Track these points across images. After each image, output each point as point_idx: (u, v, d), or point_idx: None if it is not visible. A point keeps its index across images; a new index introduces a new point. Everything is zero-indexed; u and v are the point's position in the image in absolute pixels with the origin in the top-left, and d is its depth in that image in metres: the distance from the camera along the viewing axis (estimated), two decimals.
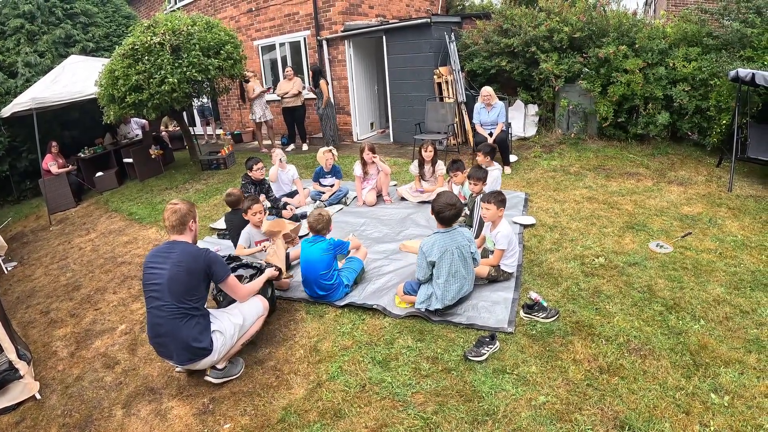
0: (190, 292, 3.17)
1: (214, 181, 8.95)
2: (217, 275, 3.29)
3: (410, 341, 3.58)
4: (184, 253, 3.20)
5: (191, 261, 3.18)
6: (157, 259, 3.23)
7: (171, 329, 3.12)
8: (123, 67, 7.89)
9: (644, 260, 4.46)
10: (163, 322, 3.12)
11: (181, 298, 3.13)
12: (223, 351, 3.31)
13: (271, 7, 11.92)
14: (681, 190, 6.22)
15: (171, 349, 3.18)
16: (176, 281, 3.12)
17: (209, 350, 3.22)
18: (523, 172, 7.47)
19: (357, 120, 11.37)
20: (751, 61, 6.91)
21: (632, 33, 8.03)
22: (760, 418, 2.63)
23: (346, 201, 6.95)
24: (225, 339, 3.31)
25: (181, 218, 3.29)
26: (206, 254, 3.26)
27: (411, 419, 2.84)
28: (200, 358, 3.22)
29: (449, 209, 3.72)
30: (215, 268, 3.27)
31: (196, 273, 3.18)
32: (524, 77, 9.12)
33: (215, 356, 3.26)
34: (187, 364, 3.25)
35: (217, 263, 3.29)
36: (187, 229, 3.33)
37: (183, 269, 3.14)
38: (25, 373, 3.55)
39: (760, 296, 3.79)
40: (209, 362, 3.28)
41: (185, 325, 3.13)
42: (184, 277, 3.14)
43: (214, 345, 3.24)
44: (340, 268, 4.42)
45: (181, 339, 3.13)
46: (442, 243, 3.71)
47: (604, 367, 3.13)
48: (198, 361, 3.23)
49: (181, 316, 3.12)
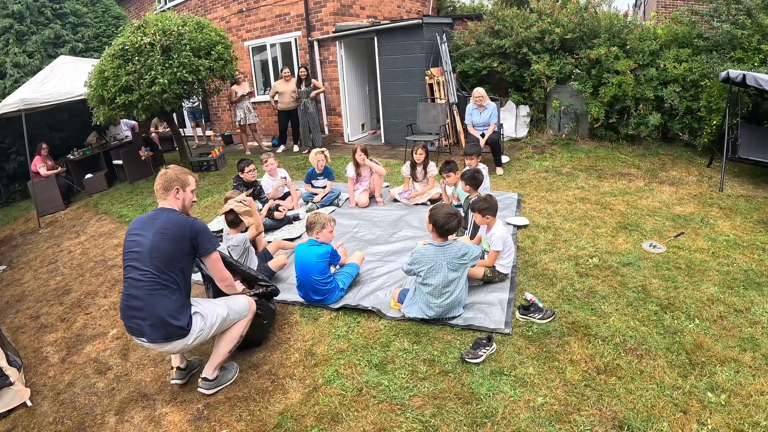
0: (173, 263, 2.97)
1: (204, 183, 8.88)
2: (203, 246, 3.09)
3: (406, 344, 3.57)
4: (169, 220, 3.02)
5: (176, 229, 3.00)
6: (140, 225, 3.05)
7: (148, 302, 2.92)
8: (113, 67, 7.82)
9: (638, 260, 4.48)
10: (140, 294, 2.92)
11: (163, 268, 2.93)
12: (201, 337, 3.10)
13: (261, 8, 11.87)
14: (673, 190, 6.26)
15: (144, 324, 2.95)
16: (159, 249, 2.93)
17: (186, 330, 3.01)
18: (515, 173, 7.48)
19: (348, 121, 11.34)
20: (742, 62, 6.97)
21: (623, 34, 8.09)
22: (757, 416, 2.64)
23: (338, 203, 6.92)
24: (205, 324, 3.12)
25: (166, 183, 3.12)
26: (193, 223, 3.07)
27: (409, 423, 2.82)
28: (175, 338, 2.99)
29: (451, 219, 3.69)
30: (201, 239, 3.07)
31: (181, 242, 2.99)
32: (516, 78, 9.16)
33: (190, 339, 3.04)
34: (159, 342, 2.98)
35: (204, 234, 3.09)
36: (172, 195, 3.14)
37: (167, 237, 2.96)
38: (16, 380, 3.49)
39: (753, 295, 3.81)
40: (182, 345, 3.05)
41: (164, 298, 2.94)
42: (167, 245, 2.95)
43: (192, 326, 3.04)
44: (335, 272, 4.40)
45: (157, 313, 2.91)
46: (433, 258, 3.67)
47: (601, 367, 3.13)
48: (172, 341, 3.00)
49: (160, 288, 2.93)
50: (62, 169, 9.97)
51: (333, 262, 4.32)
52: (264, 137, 12.44)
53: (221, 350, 3.32)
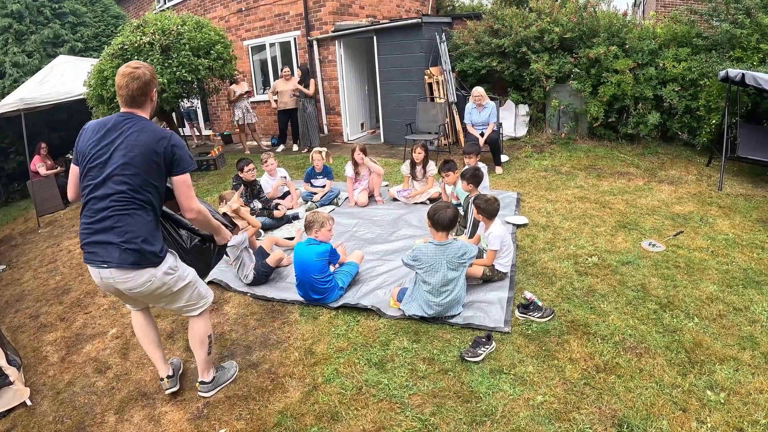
0: (149, 182, 2.60)
1: (204, 182, 8.88)
2: (181, 163, 2.66)
3: (406, 342, 3.57)
4: (147, 129, 2.61)
5: (155, 140, 2.59)
6: (106, 131, 2.60)
7: (117, 221, 2.55)
8: (112, 67, 7.80)
9: (637, 259, 4.48)
10: (110, 214, 2.55)
11: (138, 186, 2.57)
12: (169, 281, 2.74)
13: (261, 7, 11.87)
14: (672, 189, 6.26)
15: (110, 248, 2.56)
16: (134, 164, 2.55)
17: (160, 258, 2.66)
18: (514, 172, 7.49)
19: (347, 120, 11.35)
20: (741, 61, 6.98)
21: (622, 34, 8.10)
22: (756, 414, 2.64)
23: (338, 202, 6.92)
24: (177, 267, 2.80)
25: (144, 87, 2.65)
26: (172, 136, 2.69)
27: (409, 421, 2.83)
28: (147, 264, 2.62)
29: (441, 210, 3.72)
30: (180, 153, 2.66)
31: (157, 157, 2.59)
32: (515, 77, 9.16)
33: (160, 272, 2.67)
34: (126, 268, 2.58)
35: (183, 148, 2.70)
36: (149, 100, 2.73)
37: (144, 148, 2.56)
38: (15, 379, 3.49)
39: (752, 294, 3.82)
40: (152, 276, 2.65)
41: (140, 218, 2.59)
42: (142, 160, 2.56)
43: (166, 257, 2.71)
44: (334, 271, 4.40)
45: (130, 235, 2.55)
46: (433, 256, 3.69)
47: (600, 365, 3.13)
48: (142, 268, 2.61)
49: (136, 207, 2.57)
50: (62, 169, 9.95)
51: (332, 260, 4.32)
52: (263, 137, 12.44)
53: (200, 356, 3.17)
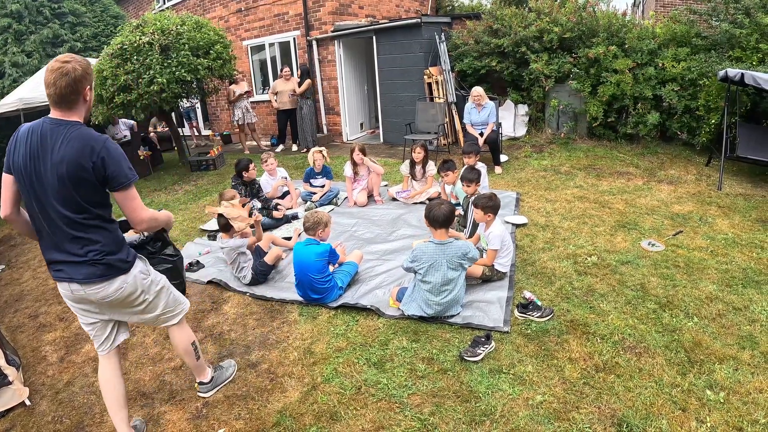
0: (90, 200, 2.35)
1: (203, 182, 8.88)
2: (117, 178, 2.32)
3: (405, 342, 3.57)
4: (75, 140, 2.26)
5: (81, 155, 2.25)
6: (37, 144, 2.31)
7: (74, 239, 2.38)
8: (111, 67, 7.81)
9: (636, 259, 4.48)
10: (65, 233, 2.36)
11: (79, 207, 2.33)
12: (141, 288, 2.58)
13: (260, 7, 11.86)
14: (671, 189, 6.26)
15: (75, 265, 2.41)
16: (66, 183, 2.27)
17: (129, 263, 2.51)
18: (513, 171, 7.49)
19: (347, 120, 11.35)
20: (740, 61, 6.98)
21: (622, 33, 8.10)
22: (756, 413, 2.64)
23: (337, 202, 6.92)
24: (148, 273, 2.65)
25: (74, 84, 2.28)
26: (104, 145, 2.30)
27: (408, 421, 2.82)
28: (117, 273, 2.46)
29: (436, 207, 3.73)
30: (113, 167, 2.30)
31: (88, 173, 2.27)
32: (514, 77, 9.16)
33: (130, 277, 2.52)
34: (95, 282, 2.43)
35: (117, 159, 2.32)
36: (81, 100, 2.35)
37: (72, 165, 2.24)
38: (14, 379, 3.48)
39: (751, 293, 3.82)
40: (123, 282, 2.49)
41: (94, 232, 2.40)
42: (74, 179, 2.26)
43: (135, 263, 2.56)
44: (333, 271, 4.40)
45: (89, 250, 2.38)
46: (433, 255, 3.69)
47: (599, 365, 3.13)
48: (113, 277, 2.46)
49: (86, 225, 2.37)
50: None
51: (332, 260, 4.32)
52: (263, 137, 12.44)
53: (190, 363, 3.11)
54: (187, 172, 9.84)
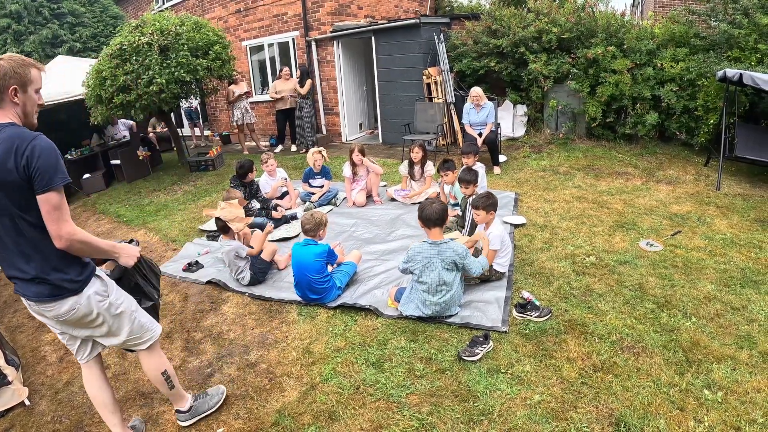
0: (29, 206, 2.13)
1: (202, 183, 8.88)
2: (42, 177, 2.06)
3: (403, 342, 3.57)
4: (8, 142, 2.06)
5: (7, 156, 2.05)
6: None
7: (18, 254, 2.21)
8: (111, 67, 7.81)
9: (635, 259, 4.49)
10: (8, 247, 2.21)
11: (17, 215, 2.14)
12: (98, 309, 2.36)
13: (259, 8, 11.87)
14: (670, 189, 6.27)
15: (23, 282, 2.26)
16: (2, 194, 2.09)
17: (78, 282, 2.28)
18: (512, 172, 7.49)
19: (346, 121, 11.35)
20: (738, 61, 6.99)
21: (620, 34, 8.11)
22: (754, 413, 2.65)
23: (336, 202, 6.93)
24: (106, 292, 2.41)
25: None
26: (31, 143, 2.07)
27: (406, 420, 2.83)
28: (67, 293, 2.26)
29: (427, 206, 3.75)
30: (39, 164, 2.05)
31: (15, 175, 2.06)
32: (513, 78, 9.17)
33: (83, 298, 2.30)
34: (46, 301, 2.25)
35: (45, 157, 2.08)
36: (7, 99, 2.15)
37: (3, 170, 2.05)
38: (14, 379, 3.49)
39: (750, 293, 3.82)
40: (75, 304, 2.29)
41: (39, 245, 2.19)
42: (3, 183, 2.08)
43: (90, 283, 2.34)
44: (332, 271, 4.40)
45: (34, 268, 2.20)
46: (427, 255, 3.69)
47: (597, 365, 3.13)
48: (63, 298, 2.26)
49: (30, 237, 2.17)
50: None
51: (330, 261, 4.32)
52: (262, 137, 12.44)
53: (164, 392, 2.87)
54: (187, 172, 9.84)
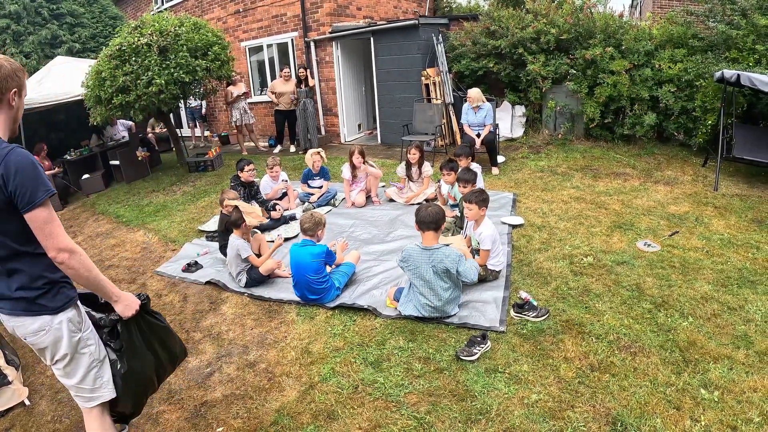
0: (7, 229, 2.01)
1: (201, 183, 8.89)
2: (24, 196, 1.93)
3: (402, 342, 3.59)
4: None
5: None
6: None
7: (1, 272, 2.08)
8: (110, 68, 7.82)
9: (632, 259, 4.51)
10: None
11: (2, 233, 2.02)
12: (74, 338, 2.18)
13: (258, 9, 11.88)
14: (668, 189, 6.29)
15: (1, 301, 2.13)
16: None
17: (58, 304, 2.13)
18: (510, 172, 7.51)
19: (344, 121, 11.36)
20: (736, 62, 7.01)
21: (619, 35, 8.13)
22: (750, 412, 2.66)
23: (335, 202, 6.94)
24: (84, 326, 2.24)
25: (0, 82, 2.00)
26: (7, 155, 1.92)
27: (404, 419, 2.84)
28: (41, 311, 2.10)
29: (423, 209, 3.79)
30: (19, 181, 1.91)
31: None
32: (511, 78, 9.18)
33: (57, 320, 2.12)
34: (19, 315, 2.10)
35: (24, 172, 1.93)
36: (5, 102, 2.04)
37: None
38: (14, 379, 3.50)
39: (747, 293, 3.84)
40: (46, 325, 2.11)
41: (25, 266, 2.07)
42: None
43: (66, 311, 2.16)
44: (331, 271, 4.41)
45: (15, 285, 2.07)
46: (417, 259, 3.71)
47: (595, 364, 3.15)
48: (37, 315, 2.10)
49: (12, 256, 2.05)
50: (59, 170, 9.93)
51: (328, 261, 4.34)
52: (260, 137, 12.45)
53: None
54: (186, 173, 9.85)
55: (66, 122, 10.99)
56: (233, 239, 4.71)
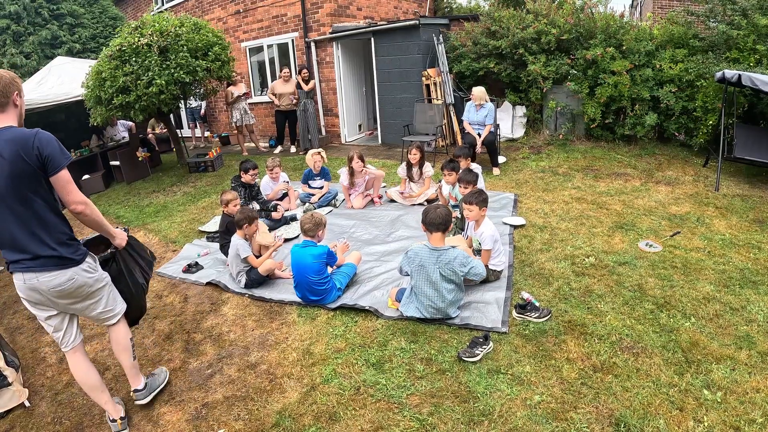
0: (36, 191, 2.55)
1: (202, 184, 8.88)
2: (52, 161, 2.51)
3: (403, 343, 3.58)
4: (10, 139, 2.47)
5: (20, 148, 2.46)
6: None
7: (27, 232, 2.58)
8: (110, 68, 7.81)
9: (634, 259, 4.50)
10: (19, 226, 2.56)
11: (27, 198, 2.53)
12: (93, 278, 2.80)
13: (258, 9, 11.87)
14: (669, 189, 6.29)
15: (30, 258, 2.62)
16: (11, 177, 2.47)
17: (81, 255, 2.74)
18: (511, 173, 7.50)
19: (345, 122, 11.36)
20: (737, 62, 7.01)
21: (619, 35, 8.12)
22: (753, 413, 2.66)
23: (336, 203, 6.93)
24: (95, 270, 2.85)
25: (4, 89, 2.55)
26: (35, 136, 2.51)
27: (407, 421, 2.83)
28: (70, 264, 2.68)
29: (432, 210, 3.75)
30: (49, 151, 2.50)
31: (28, 165, 2.47)
32: (512, 79, 9.17)
33: (81, 269, 2.72)
34: (50, 270, 2.62)
35: (51, 144, 2.53)
36: (10, 104, 2.58)
37: (13, 162, 2.45)
38: (14, 380, 3.48)
39: (749, 293, 3.84)
40: (75, 275, 2.70)
41: (46, 222, 2.60)
42: (16, 173, 2.47)
43: (86, 260, 2.76)
44: (332, 272, 4.40)
45: (42, 242, 2.59)
46: (425, 259, 3.69)
47: (597, 365, 3.14)
48: (66, 268, 2.67)
49: (38, 216, 2.58)
50: None
51: (329, 262, 4.32)
52: (261, 138, 12.45)
53: (127, 363, 3.17)
54: (186, 173, 9.84)
55: (66, 123, 10.97)
56: (235, 239, 4.71)
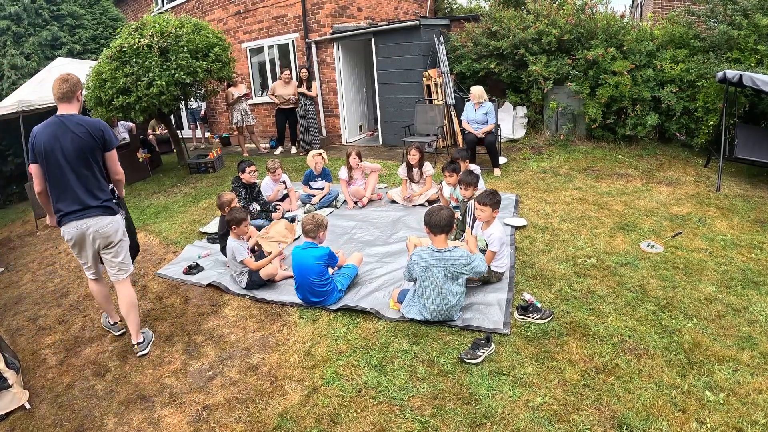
0: (96, 159, 3.56)
1: (202, 185, 8.88)
2: (111, 143, 3.63)
3: (405, 344, 3.57)
4: (82, 121, 3.48)
5: (91, 127, 3.49)
6: (55, 130, 3.43)
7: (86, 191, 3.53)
8: (110, 69, 7.81)
9: (636, 260, 4.49)
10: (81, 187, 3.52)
11: (89, 165, 3.51)
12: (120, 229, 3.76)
13: (259, 10, 11.87)
14: (670, 190, 6.28)
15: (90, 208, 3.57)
16: (83, 148, 3.45)
17: (119, 208, 3.78)
18: (512, 173, 7.49)
19: (346, 122, 11.35)
20: (738, 62, 7.00)
21: (620, 35, 8.10)
22: (756, 414, 2.65)
23: (337, 204, 6.93)
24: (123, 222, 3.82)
25: (72, 87, 3.53)
26: (100, 123, 3.59)
27: (409, 423, 2.83)
28: (111, 212, 3.68)
29: (436, 212, 3.74)
30: (109, 136, 3.60)
31: (96, 142, 3.51)
32: (513, 79, 9.16)
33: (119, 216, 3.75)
34: (98, 215, 3.59)
35: (109, 131, 3.64)
36: (75, 98, 3.58)
37: (86, 135, 3.45)
38: (14, 382, 3.48)
39: (750, 294, 3.83)
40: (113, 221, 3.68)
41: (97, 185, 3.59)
42: (87, 148, 3.47)
43: (120, 213, 3.78)
44: (333, 274, 4.40)
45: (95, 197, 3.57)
46: (430, 260, 3.68)
47: (599, 366, 3.13)
48: (108, 215, 3.65)
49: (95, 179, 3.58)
50: None
51: (331, 264, 4.31)
52: (261, 138, 12.44)
53: (134, 319, 3.89)
54: (186, 174, 9.83)
55: None
56: (229, 241, 4.68)
